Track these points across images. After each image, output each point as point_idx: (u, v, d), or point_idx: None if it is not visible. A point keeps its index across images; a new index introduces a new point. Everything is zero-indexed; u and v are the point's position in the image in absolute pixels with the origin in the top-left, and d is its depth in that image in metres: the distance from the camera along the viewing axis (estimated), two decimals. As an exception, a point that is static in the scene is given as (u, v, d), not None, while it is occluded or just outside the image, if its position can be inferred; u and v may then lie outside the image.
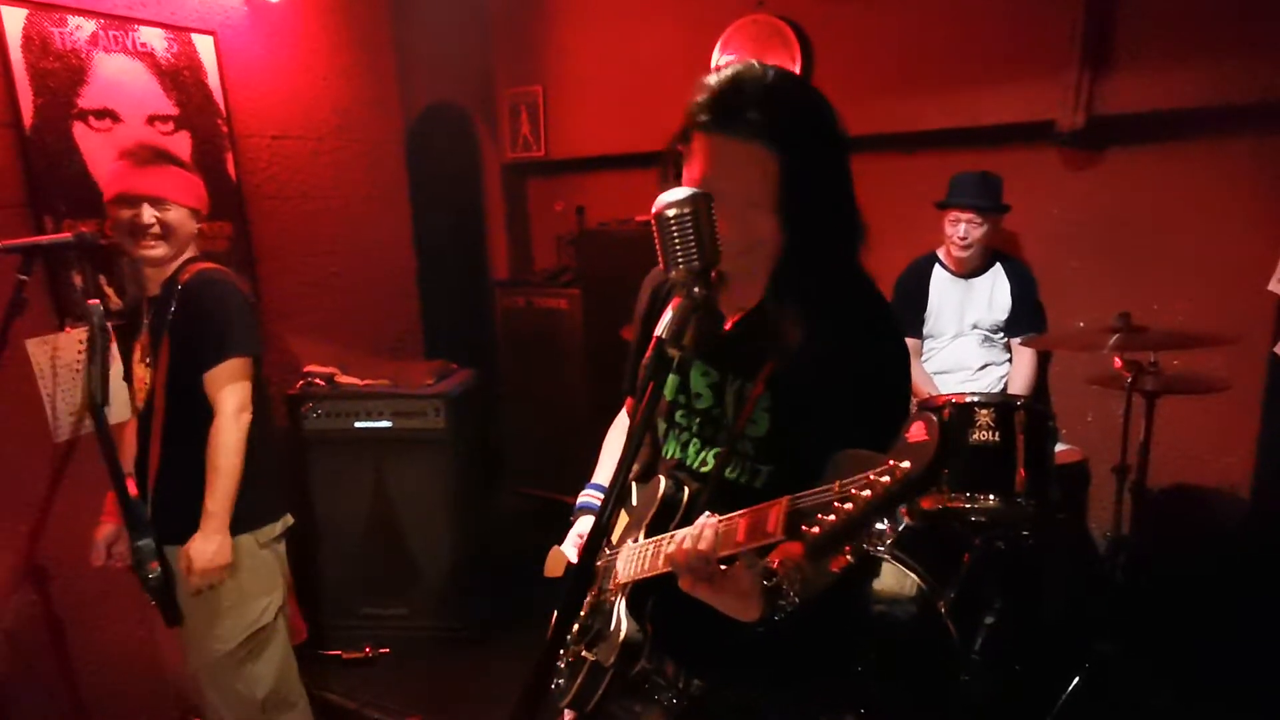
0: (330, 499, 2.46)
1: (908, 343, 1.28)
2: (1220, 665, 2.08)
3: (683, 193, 0.75)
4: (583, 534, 1.11)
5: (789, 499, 0.70)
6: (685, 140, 0.88)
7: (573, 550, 1.10)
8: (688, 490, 0.97)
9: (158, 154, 1.57)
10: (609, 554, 1.04)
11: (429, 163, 3.21)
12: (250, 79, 2.42)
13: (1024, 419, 1.92)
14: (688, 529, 0.83)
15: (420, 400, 2.43)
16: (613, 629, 0.95)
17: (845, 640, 1.03)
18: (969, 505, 1.85)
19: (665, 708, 1.01)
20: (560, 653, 1.03)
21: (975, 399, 1.97)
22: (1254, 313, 2.21)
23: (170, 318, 1.55)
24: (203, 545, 1.52)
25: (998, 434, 1.90)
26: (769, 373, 0.89)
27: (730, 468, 0.94)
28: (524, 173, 3.71)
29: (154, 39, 2.13)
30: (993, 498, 1.86)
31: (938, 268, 2.43)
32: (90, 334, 1.48)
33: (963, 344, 2.44)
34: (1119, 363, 1.89)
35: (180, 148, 2.11)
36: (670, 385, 1.02)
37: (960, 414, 1.97)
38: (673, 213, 0.75)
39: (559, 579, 1.14)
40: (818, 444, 0.74)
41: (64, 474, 1.92)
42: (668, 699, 1.01)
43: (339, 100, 2.72)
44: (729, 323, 0.98)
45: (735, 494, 0.93)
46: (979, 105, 2.46)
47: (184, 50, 2.20)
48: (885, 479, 0.60)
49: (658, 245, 0.77)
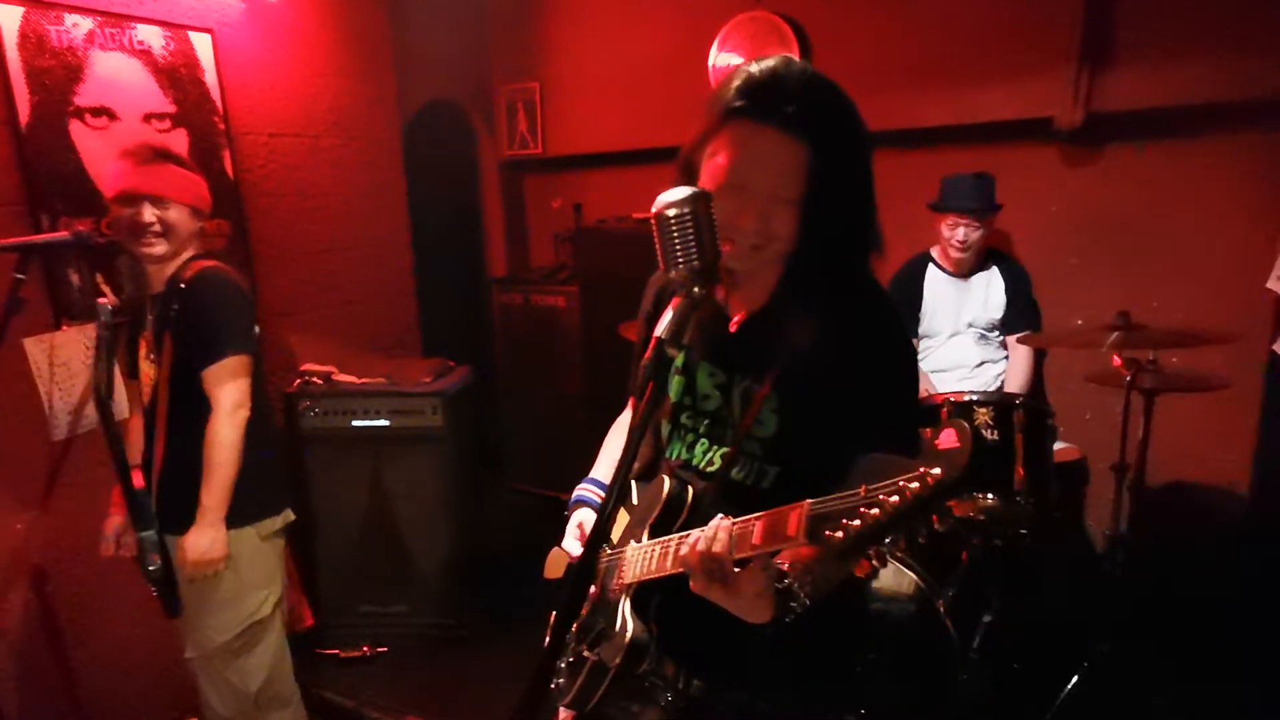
0: (328, 497, 2.45)
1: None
2: (1219, 663, 2.08)
3: (682, 192, 0.75)
4: (581, 527, 1.11)
5: (809, 502, 0.69)
6: (718, 128, 0.86)
7: (573, 548, 1.09)
8: (692, 490, 0.96)
9: (158, 153, 1.58)
10: (609, 554, 1.04)
11: (426, 160, 3.20)
12: (247, 77, 2.41)
13: (1023, 418, 1.93)
14: (700, 530, 0.81)
15: (418, 398, 2.42)
16: (618, 629, 0.95)
17: (847, 641, 1.02)
18: (968, 504, 1.86)
19: (664, 708, 1.01)
20: (562, 653, 1.03)
21: (974, 397, 1.98)
22: (1253, 310, 2.21)
23: (172, 315, 1.57)
24: (197, 538, 1.54)
25: (996, 432, 1.91)
26: (777, 373, 0.89)
27: (737, 468, 0.93)
28: (521, 170, 3.70)
29: (151, 37, 2.12)
30: (991, 496, 1.87)
31: (932, 267, 2.43)
32: (99, 331, 1.51)
33: (959, 342, 2.45)
34: (1118, 360, 1.89)
35: (178, 145, 2.10)
36: (676, 387, 1.01)
37: (959, 413, 1.97)
38: (673, 212, 0.74)
39: (557, 578, 1.14)
40: (827, 445, 0.73)
41: (61, 472, 1.92)
42: (666, 699, 1.01)
43: (336, 98, 2.71)
44: (735, 323, 0.97)
45: (742, 494, 0.92)
46: (977, 102, 2.45)
47: (181, 48, 2.19)
48: (915, 485, 0.60)
49: (657, 245, 0.76)
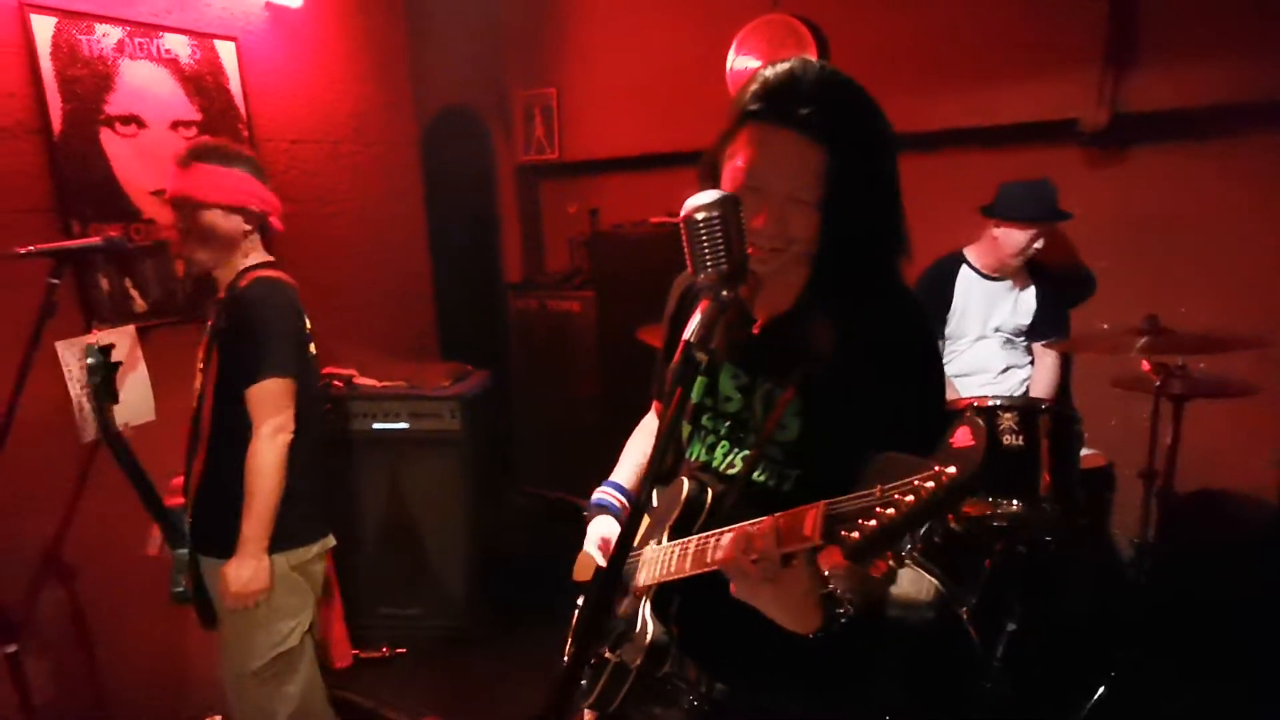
0: (347, 500, 2.47)
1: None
2: (1247, 673, 2.04)
3: (711, 195, 0.75)
4: (603, 535, 1.11)
5: (825, 503, 0.69)
6: (736, 131, 0.86)
7: (597, 553, 1.09)
8: (711, 492, 0.96)
9: (191, 153, 1.50)
10: (630, 556, 1.04)
11: (443, 165, 3.23)
12: (270, 84, 2.45)
13: (1049, 423, 1.90)
14: (728, 533, 0.81)
15: (436, 402, 2.44)
16: (638, 631, 0.95)
17: (871, 646, 1.01)
18: (992, 509, 1.83)
19: (686, 710, 1.01)
20: (588, 655, 1.03)
21: (999, 402, 1.95)
22: (1282, 315, 2.17)
23: (222, 327, 1.52)
24: (238, 570, 1.49)
25: (1022, 438, 1.88)
26: (800, 377, 0.88)
27: (758, 471, 0.93)
28: (538, 175, 3.71)
29: (178, 45, 2.16)
30: (1016, 502, 1.84)
31: (965, 269, 2.38)
32: (90, 371, 1.43)
33: (985, 346, 2.41)
34: (1147, 366, 1.86)
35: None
36: (698, 388, 1.01)
37: (984, 419, 1.94)
38: (701, 216, 0.75)
39: (567, 581, 1.14)
40: (850, 450, 0.73)
41: (90, 473, 1.96)
42: (689, 702, 1.00)
43: (355, 104, 2.74)
44: (759, 325, 0.97)
45: (763, 497, 0.92)
46: (999, 103, 2.42)
47: (207, 56, 2.23)
48: (930, 484, 0.59)
49: (685, 249, 0.76)
